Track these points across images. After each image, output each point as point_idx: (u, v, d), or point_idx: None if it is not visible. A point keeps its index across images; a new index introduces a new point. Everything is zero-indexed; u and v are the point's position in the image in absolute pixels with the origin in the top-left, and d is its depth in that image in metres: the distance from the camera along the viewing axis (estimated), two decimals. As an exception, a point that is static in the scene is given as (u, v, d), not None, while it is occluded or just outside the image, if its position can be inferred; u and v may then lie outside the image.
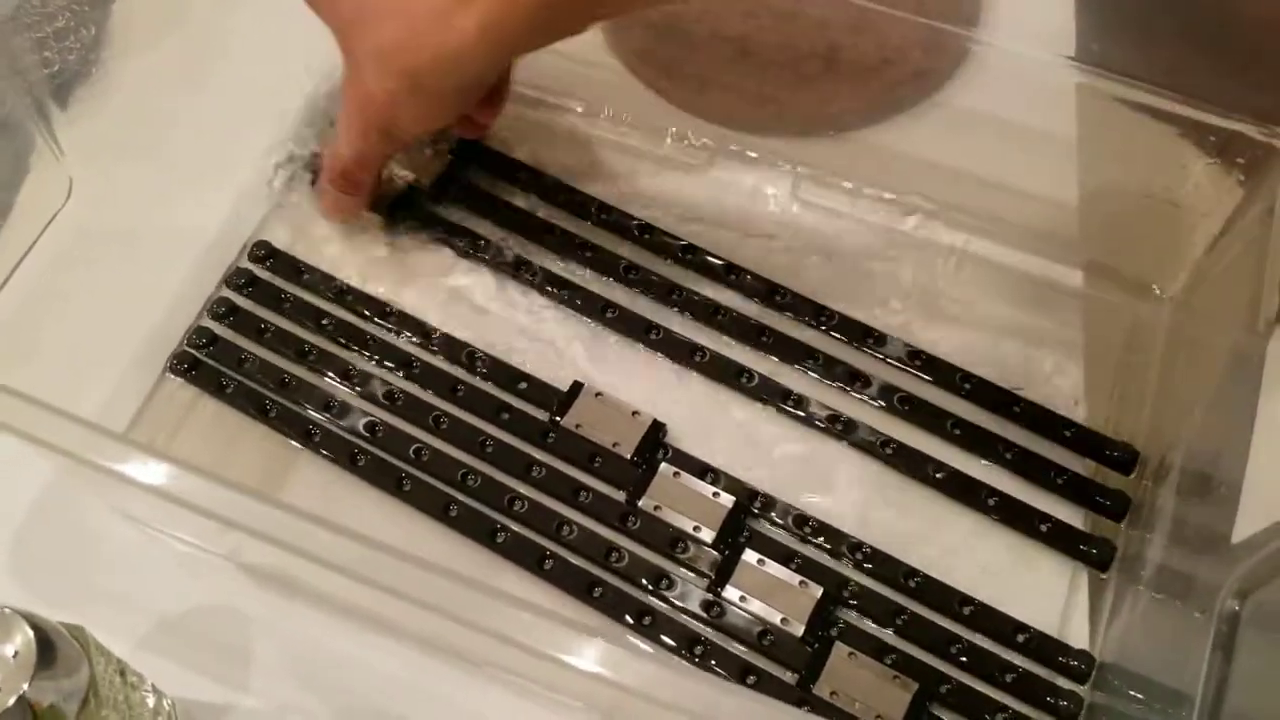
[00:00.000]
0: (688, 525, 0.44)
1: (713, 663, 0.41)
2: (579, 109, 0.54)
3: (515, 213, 0.51)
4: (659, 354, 0.48)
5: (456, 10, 0.38)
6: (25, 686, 0.30)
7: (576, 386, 0.47)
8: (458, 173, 0.52)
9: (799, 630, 0.42)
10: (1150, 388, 0.48)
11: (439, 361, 0.48)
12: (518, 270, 0.50)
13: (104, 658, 0.34)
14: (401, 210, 0.51)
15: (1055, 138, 0.51)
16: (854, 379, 0.47)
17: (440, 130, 0.50)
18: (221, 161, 0.50)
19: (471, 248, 0.50)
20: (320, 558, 0.31)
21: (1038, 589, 0.44)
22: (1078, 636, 0.43)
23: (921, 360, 0.48)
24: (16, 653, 0.30)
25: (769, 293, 0.49)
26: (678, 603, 0.43)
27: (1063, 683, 0.42)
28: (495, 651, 0.39)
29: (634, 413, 0.46)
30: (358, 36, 0.41)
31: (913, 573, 0.43)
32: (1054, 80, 0.49)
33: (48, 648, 0.31)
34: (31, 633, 0.30)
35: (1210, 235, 0.48)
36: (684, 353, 0.48)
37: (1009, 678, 0.42)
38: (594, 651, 0.30)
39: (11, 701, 0.30)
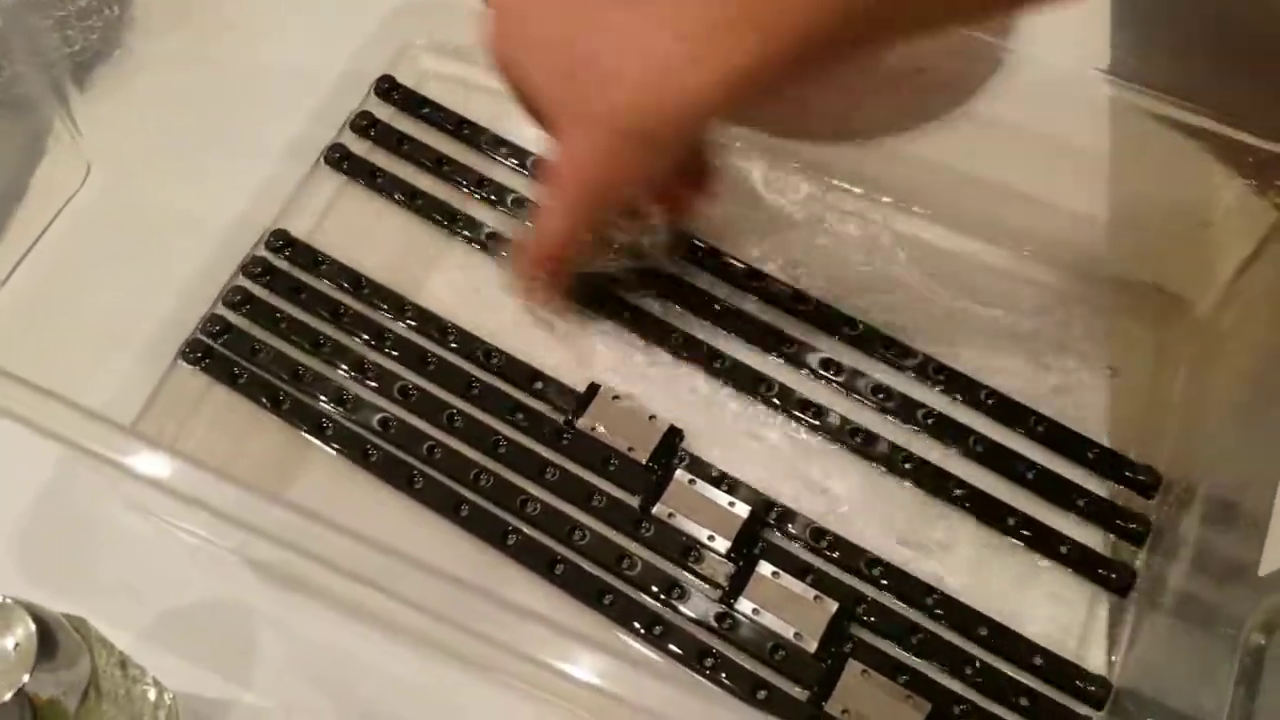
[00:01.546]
0: (702, 534, 0.43)
1: (723, 676, 0.41)
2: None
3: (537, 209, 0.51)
4: (678, 358, 0.47)
5: (694, 61, 0.36)
6: (25, 679, 0.30)
7: (593, 388, 0.46)
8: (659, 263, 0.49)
9: (812, 646, 0.41)
10: (1176, 410, 0.47)
11: (455, 358, 0.47)
12: (537, 268, 0.49)
13: (106, 650, 0.34)
14: (595, 296, 0.48)
15: (1087, 152, 0.50)
16: (876, 391, 0.46)
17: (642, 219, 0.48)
18: (242, 148, 0.50)
19: (489, 242, 0.50)
20: (322, 557, 0.31)
21: (1055, 611, 0.43)
22: (1095, 662, 0.42)
23: (945, 374, 0.47)
24: (17, 644, 0.30)
25: (792, 299, 0.48)
26: (689, 613, 0.42)
27: (1078, 708, 0.41)
28: (501, 656, 0.39)
29: (651, 417, 0.46)
30: (573, 97, 0.38)
31: (929, 591, 0.43)
32: (1088, 93, 0.48)
33: (49, 640, 0.30)
34: (33, 625, 0.30)
35: (1242, 257, 0.47)
36: (704, 358, 0.47)
37: (1024, 701, 0.41)
38: (596, 663, 0.30)
39: (10, 695, 0.29)
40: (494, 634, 0.31)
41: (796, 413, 0.46)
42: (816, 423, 0.46)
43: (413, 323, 0.48)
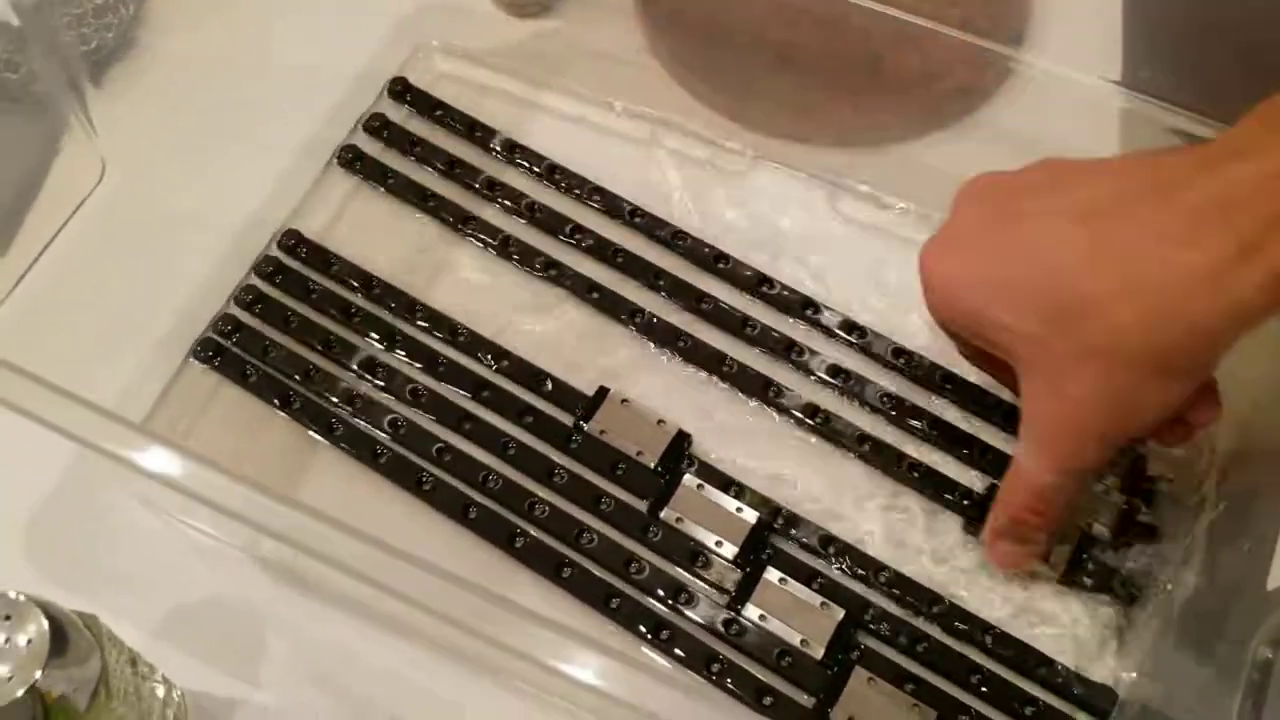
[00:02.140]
0: (709, 539, 0.43)
1: (728, 681, 0.41)
2: (617, 110, 0.54)
3: (544, 213, 0.51)
4: (687, 363, 0.48)
5: (1235, 268, 0.32)
6: (38, 675, 0.30)
7: (602, 391, 0.46)
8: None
9: (818, 652, 0.41)
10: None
11: (465, 360, 0.47)
12: (547, 271, 0.49)
13: (116, 648, 0.34)
14: (1079, 558, 0.43)
15: (1098, 162, 0.50)
16: (884, 398, 0.47)
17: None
18: (255, 147, 0.50)
19: (500, 246, 0.50)
20: (330, 558, 0.31)
21: (1062, 621, 0.43)
22: (1100, 672, 0.42)
23: (953, 383, 0.47)
24: (30, 641, 0.30)
25: (801, 306, 0.49)
26: (696, 618, 0.42)
27: (1083, 717, 0.41)
28: (507, 658, 0.39)
29: (659, 421, 0.46)
30: (1063, 332, 0.35)
31: (936, 599, 0.43)
32: (1099, 104, 0.48)
33: (61, 637, 0.30)
34: (46, 622, 0.30)
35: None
36: (712, 363, 0.47)
37: (1029, 710, 0.41)
38: (601, 666, 0.30)
39: (22, 691, 0.29)
40: (500, 635, 0.31)
41: (805, 418, 0.46)
42: (824, 429, 0.46)
43: (423, 324, 0.48)
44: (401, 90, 0.54)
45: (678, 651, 0.41)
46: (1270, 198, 0.32)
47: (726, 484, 0.45)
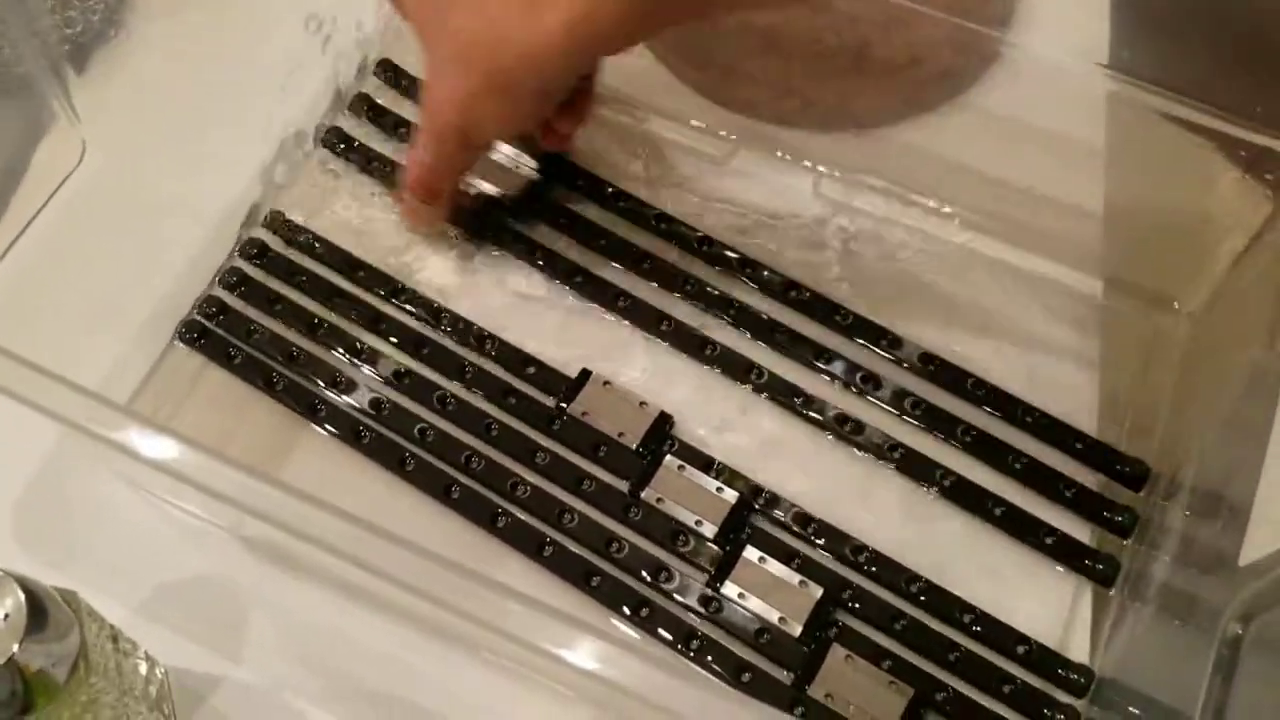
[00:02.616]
0: (690, 519, 0.43)
1: (708, 658, 0.41)
2: (599, 91, 0.54)
3: (527, 197, 0.51)
4: (669, 345, 0.48)
5: (541, 7, 0.37)
6: (15, 649, 0.30)
7: (585, 374, 0.46)
8: (543, 190, 0.51)
9: (797, 630, 0.41)
10: (1165, 403, 0.47)
11: (448, 342, 0.47)
12: (531, 254, 0.49)
13: (96, 624, 0.34)
14: (482, 224, 0.50)
15: (1082, 145, 0.51)
16: (866, 380, 0.47)
17: (525, 143, 0.50)
18: (240, 131, 0.50)
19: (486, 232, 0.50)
20: (316, 539, 0.31)
21: (1040, 601, 0.43)
22: (1078, 650, 0.43)
23: (935, 365, 0.47)
24: (7, 615, 0.30)
25: (784, 289, 0.49)
26: (676, 596, 0.42)
27: (1061, 696, 0.42)
28: (489, 636, 0.39)
29: (641, 403, 0.46)
30: (438, 36, 0.41)
31: (914, 578, 0.43)
32: (1084, 87, 0.48)
33: (39, 611, 0.31)
34: (23, 595, 0.30)
35: (1235, 252, 0.47)
36: (695, 345, 0.48)
37: (1006, 688, 0.41)
38: (584, 646, 0.30)
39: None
40: (483, 615, 0.32)
41: (786, 400, 0.46)
42: (806, 411, 0.46)
43: (407, 306, 0.48)
44: (388, 72, 0.54)
45: (658, 629, 0.42)
46: None
47: (707, 464, 0.45)
